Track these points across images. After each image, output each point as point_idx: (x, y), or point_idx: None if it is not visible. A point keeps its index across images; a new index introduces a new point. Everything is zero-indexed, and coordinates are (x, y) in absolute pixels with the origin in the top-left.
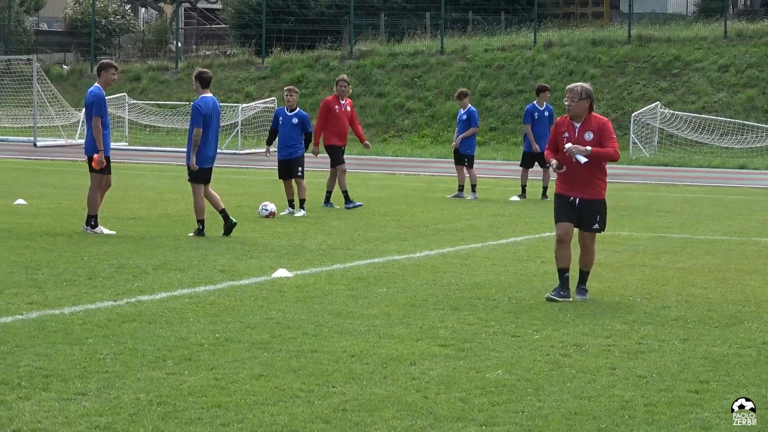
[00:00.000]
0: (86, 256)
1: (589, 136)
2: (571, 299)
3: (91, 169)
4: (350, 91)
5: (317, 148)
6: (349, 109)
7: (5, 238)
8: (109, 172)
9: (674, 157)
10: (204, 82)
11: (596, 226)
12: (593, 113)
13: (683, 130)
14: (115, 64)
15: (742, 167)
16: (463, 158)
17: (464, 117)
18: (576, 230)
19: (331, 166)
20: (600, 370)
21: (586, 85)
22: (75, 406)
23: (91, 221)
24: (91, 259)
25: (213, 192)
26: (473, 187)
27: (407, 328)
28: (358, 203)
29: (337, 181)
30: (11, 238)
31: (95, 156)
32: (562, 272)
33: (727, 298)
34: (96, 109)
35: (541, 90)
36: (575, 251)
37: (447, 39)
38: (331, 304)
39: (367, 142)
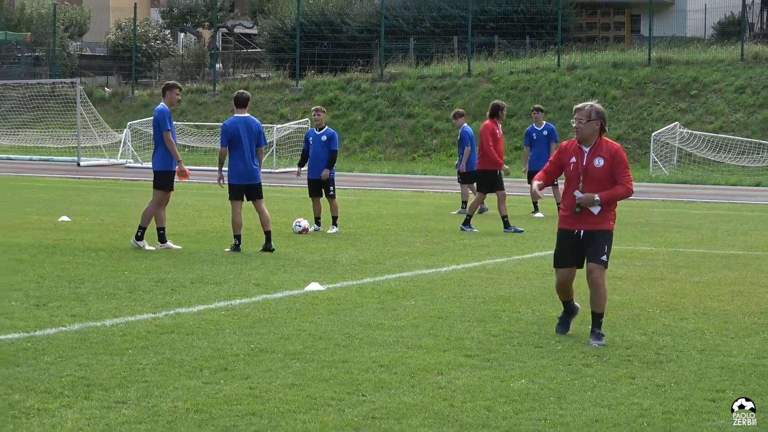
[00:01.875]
0: (127, 270)
1: (599, 162)
2: (580, 309)
3: (156, 186)
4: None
5: (507, 167)
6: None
7: (50, 254)
8: (172, 189)
9: (693, 175)
10: (237, 102)
11: (604, 257)
12: (604, 137)
13: (701, 149)
14: (179, 84)
15: (758, 185)
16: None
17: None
18: (584, 266)
19: (490, 191)
20: (620, 379)
21: (597, 105)
22: (115, 414)
23: (139, 233)
24: (132, 273)
25: (265, 211)
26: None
27: (434, 339)
28: (519, 228)
29: (474, 203)
30: (55, 254)
31: (177, 168)
32: (567, 303)
33: (743, 310)
34: (163, 123)
35: (533, 110)
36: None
37: (474, 62)
38: (361, 316)
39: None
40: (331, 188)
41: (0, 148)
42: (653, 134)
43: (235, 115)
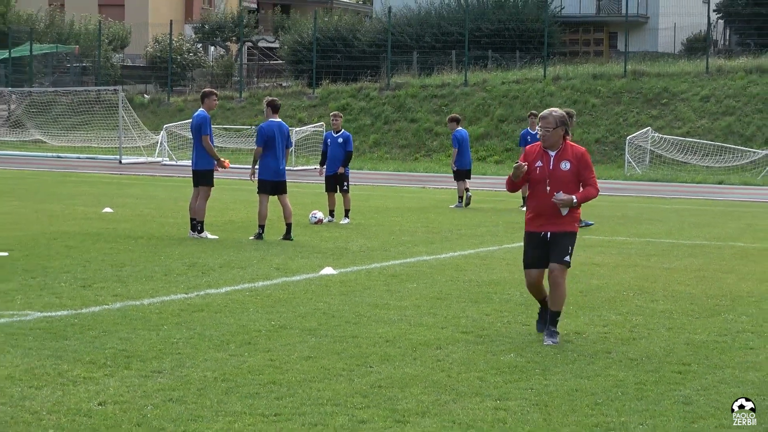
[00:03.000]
0: (162, 255)
1: (565, 165)
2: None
3: (201, 183)
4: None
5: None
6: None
7: (95, 241)
8: (213, 185)
9: (663, 174)
10: (273, 108)
11: (567, 258)
12: (568, 141)
13: (670, 152)
14: (216, 92)
15: (720, 183)
16: (461, 173)
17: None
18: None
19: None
20: (597, 354)
21: (560, 112)
22: (152, 382)
23: (198, 227)
24: (167, 258)
25: (288, 205)
26: (459, 198)
27: (434, 318)
28: (590, 222)
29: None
30: (99, 241)
31: (218, 164)
32: (543, 300)
33: (706, 293)
34: (203, 128)
35: (529, 115)
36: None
37: (470, 73)
38: (369, 297)
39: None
40: (345, 183)
41: (52, 148)
42: (628, 138)
43: (270, 119)
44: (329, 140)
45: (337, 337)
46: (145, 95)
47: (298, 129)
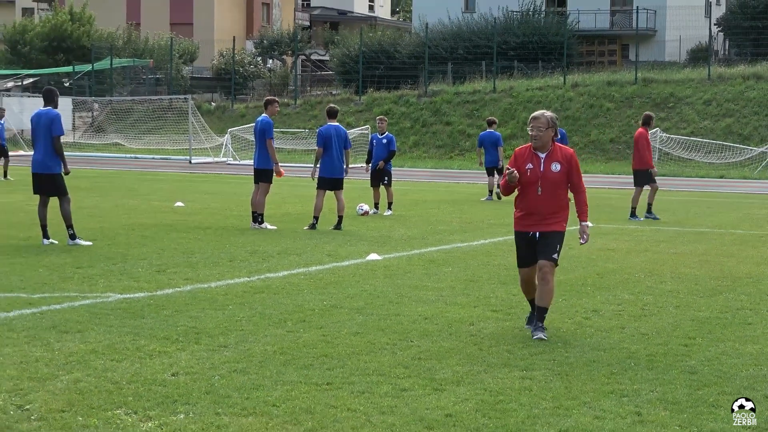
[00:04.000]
0: (227, 244)
1: (556, 167)
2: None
3: (263, 180)
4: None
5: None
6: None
7: (168, 231)
8: (271, 182)
9: (670, 169)
10: (329, 114)
11: (555, 255)
12: (557, 143)
13: (677, 150)
14: (278, 100)
15: (721, 177)
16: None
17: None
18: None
19: (645, 185)
20: (612, 329)
21: (550, 113)
22: (218, 356)
23: (259, 218)
24: (231, 246)
25: (342, 200)
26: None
27: (467, 298)
28: (657, 216)
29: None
30: (172, 231)
31: (275, 168)
32: (533, 301)
33: (709, 275)
34: (268, 132)
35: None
36: None
37: (498, 81)
38: (410, 279)
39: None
40: (388, 179)
41: (129, 150)
42: None
43: (328, 123)
44: (375, 141)
45: (381, 315)
46: (212, 103)
47: (348, 131)
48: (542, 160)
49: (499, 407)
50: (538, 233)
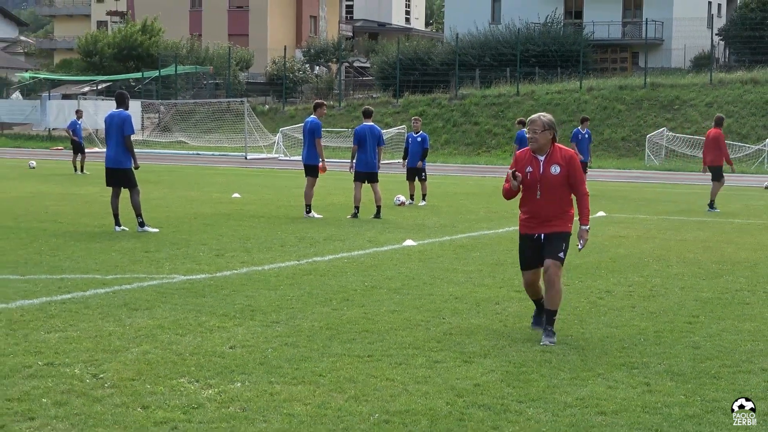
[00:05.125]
0: (279, 231)
1: (555, 169)
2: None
3: (310, 174)
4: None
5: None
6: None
7: (226, 219)
8: (318, 176)
9: (675, 165)
10: (365, 114)
11: (561, 254)
12: (557, 144)
13: (681, 147)
14: (326, 103)
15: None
16: None
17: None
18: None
19: (719, 180)
20: (624, 308)
21: (547, 116)
22: (271, 331)
23: (307, 208)
24: (282, 233)
25: (378, 191)
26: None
27: (493, 279)
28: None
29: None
30: (230, 220)
31: (320, 165)
32: (538, 301)
33: (711, 259)
34: (317, 132)
35: (583, 120)
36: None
37: (521, 85)
38: (442, 263)
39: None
40: (423, 173)
41: (192, 147)
42: (647, 136)
43: (364, 123)
44: (410, 139)
45: (416, 295)
46: (265, 105)
47: (384, 131)
48: (541, 163)
49: (522, 377)
50: (543, 235)
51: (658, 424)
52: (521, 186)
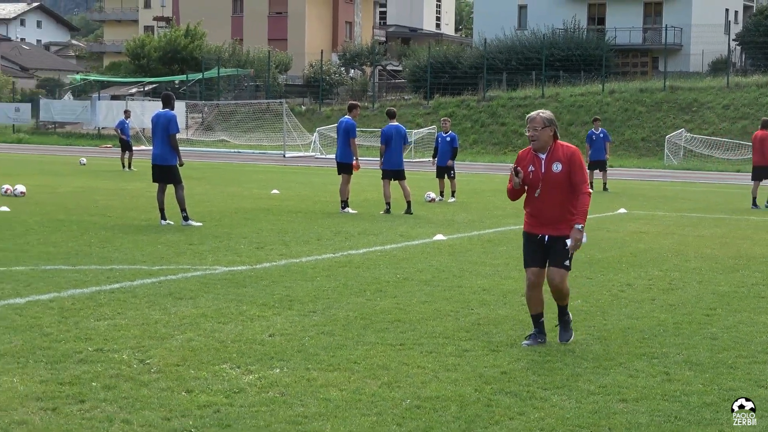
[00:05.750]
0: (315, 225)
1: (557, 167)
2: (545, 342)
3: (343, 171)
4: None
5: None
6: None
7: (265, 214)
8: (351, 173)
9: (693, 164)
10: (389, 115)
11: (567, 262)
12: (559, 141)
13: (699, 147)
14: (359, 104)
15: (737, 171)
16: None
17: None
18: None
19: (760, 180)
20: (644, 300)
21: (547, 112)
22: (308, 320)
23: (342, 204)
24: (319, 227)
25: (407, 187)
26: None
27: (519, 273)
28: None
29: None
30: (269, 214)
31: (354, 163)
32: (537, 318)
33: (727, 254)
34: (352, 132)
35: (594, 120)
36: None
37: (545, 88)
38: (470, 256)
39: None
40: (452, 171)
41: (233, 145)
42: (666, 137)
43: (389, 123)
44: (440, 139)
45: (446, 286)
46: (302, 106)
47: (416, 131)
48: (543, 162)
49: (547, 366)
50: (547, 237)
51: (677, 412)
52: (525, 185)
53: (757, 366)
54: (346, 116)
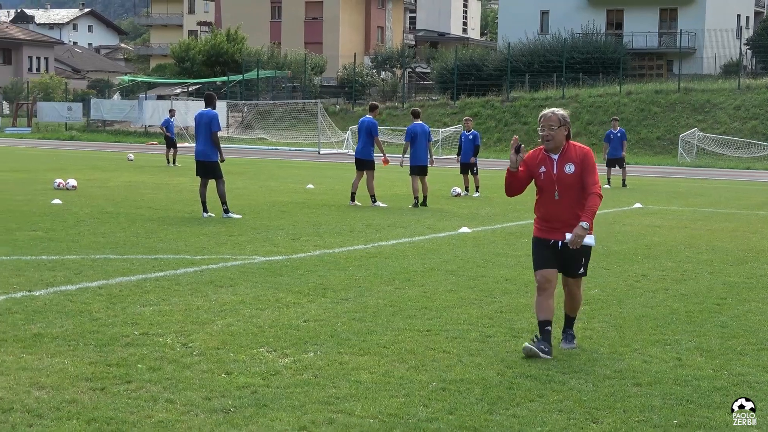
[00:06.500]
0: (348, 218)
1: (570, 168)
2: (550, 357)
3: (363, 168)
4: None
5: None
6: None
7: (301, 208)
8: (374, 168)
9: (706, 162)
10: (413, 115)
11: (582, 270)
12: (571, 141)
13: (711, 146)
14: (379, 105)
15: (748, 168)
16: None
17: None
18: (560, 275)
19: None
20: (658, 290)
21: (562, 111)
22: (341, 307)
23: (372, 198)
24: (351, 220)
25: (426, 183)
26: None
27: None
28: None
29: None
30: (305, 208)
31: (384, 158)
32: (544, 325)
33: (738, 247)
34: (375, 131)
35: (612, 120)
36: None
37: (566, 89)
38: (493, 248)
39: None
40: (475, 168)
41: (271, 143)
42: (680, 136)
43: (414, 122)
44: (463, 137)
45: (470, 276)
46: (336, 106)
47: (442, 129)
48: (555, 163)
49: (565, 351)
50: (561, 243)
51: (688, 395)
52: (538, 188)
53: (765, 353)
54: (368, 115)
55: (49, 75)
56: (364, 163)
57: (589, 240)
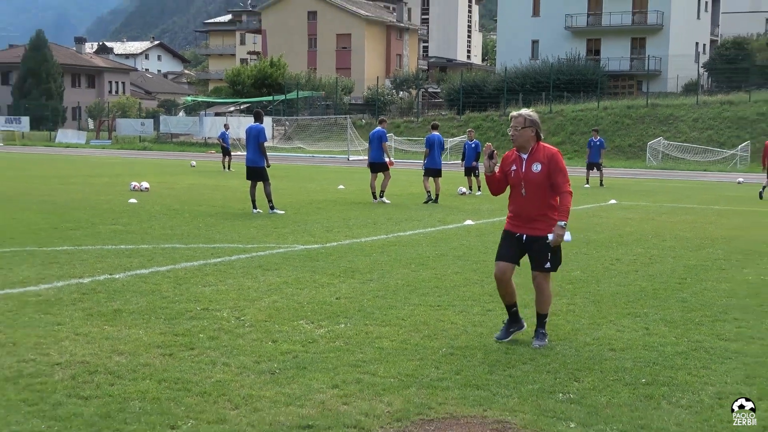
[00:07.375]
0: (372, 213)
1: (537, 167)
2: (524, 327)
3: (378, 170)
4: None
5: None
6: None
7: (333, 204)
8: (388, 169)
9: (669, 165)
10: (432, 127)
11: (548, 264)
12: (541, 143)
13: (674, 152)
14: (387, 119)
15: (704, 170)
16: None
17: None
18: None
19: None
20: (629, 272)
21: (530, 112)
22: (367, 286)
23: (381, 194)
24: (375, 215)
25: (439, 184)
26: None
27: None
28: None
29: None
30: (336, 204)
31: (389, 161)
32: (509, 308)
33: (697, 236)
34: (384, 138)
35: (593, 130)
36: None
37: (553, 105)
38: (494, 238)
39: None
40: (477, 171)
41: (307, 151)
42: (648, 143)
43: (432, 133)
44: (466, 146)
45: (474, 260)
46: (362, 120)
47: (451, 139)
48: (524, 162)
49: (552, 322)
50: (525, 236)
51: (654, 359)
52: (509, 185)
53: (718, 323)
54: (378, 127)
55: (125, 96)
56: (379, 166)
57: (566, 236)
